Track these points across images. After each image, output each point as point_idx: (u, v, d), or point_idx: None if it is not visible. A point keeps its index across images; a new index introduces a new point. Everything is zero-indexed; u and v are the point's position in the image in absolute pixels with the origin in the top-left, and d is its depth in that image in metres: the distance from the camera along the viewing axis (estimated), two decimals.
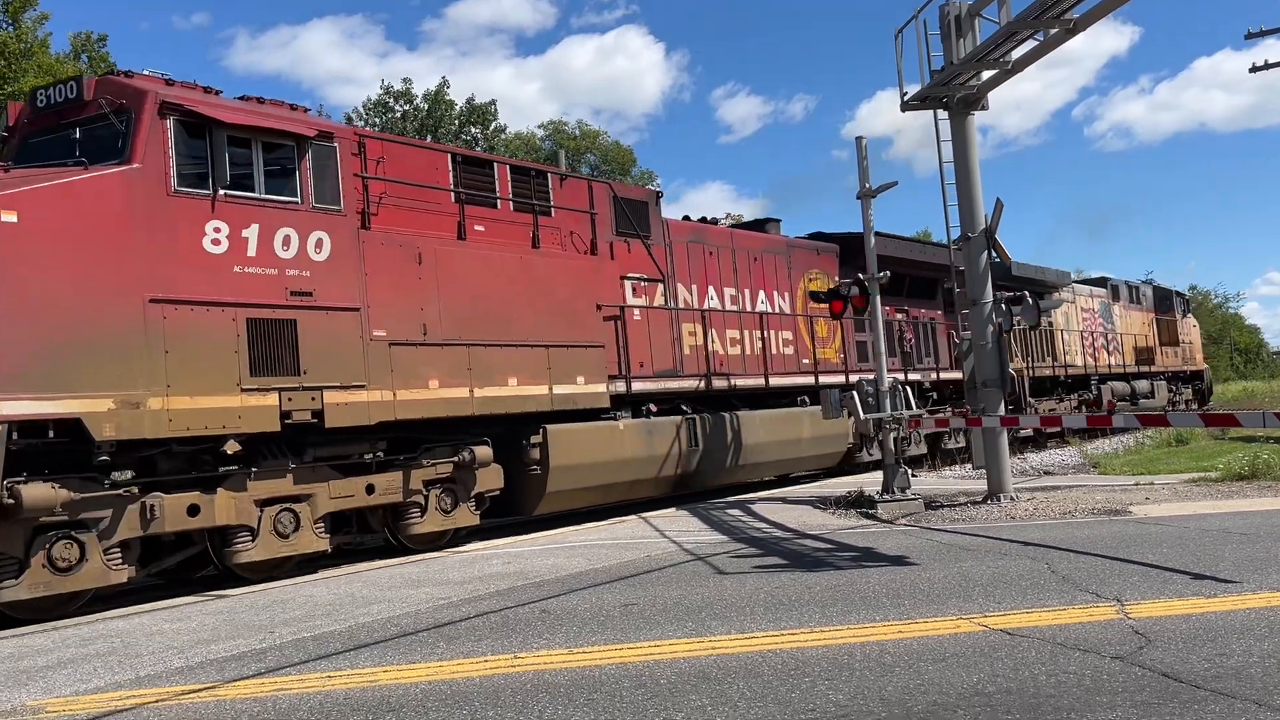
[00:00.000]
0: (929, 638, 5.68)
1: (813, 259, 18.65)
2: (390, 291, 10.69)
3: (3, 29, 27.76)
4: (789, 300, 17.70)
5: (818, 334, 18.15)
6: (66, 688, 5.78)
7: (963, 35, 12.20)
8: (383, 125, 47.53)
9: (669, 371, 14.64)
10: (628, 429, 13.53)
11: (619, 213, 14.20)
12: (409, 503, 11.00)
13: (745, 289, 16.73)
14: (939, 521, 11.03)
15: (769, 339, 16.87)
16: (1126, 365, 30.34)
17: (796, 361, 17.48)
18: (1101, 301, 29.76)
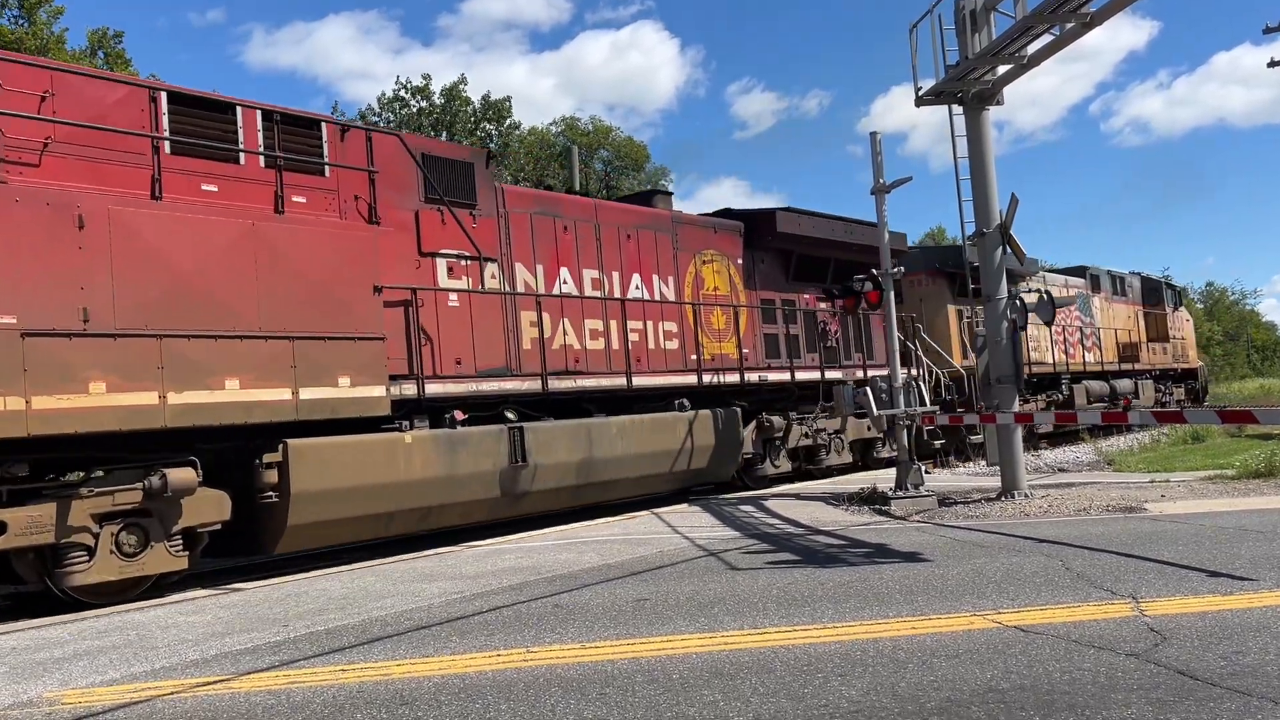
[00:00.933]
0: (943, 634, 5.66)
1: (708, 238, 16.08)
2: (26, 264, 8.16)
3: (18, 25, 27.93)
4: (674, 285, 15.26)
5: (711, 325, 15.73)
6: (83, 679, 5.82)
7: (978, 30, 12.14)
8: (398, 121, 47.64)
9: (498, 370, 12.14)
10: (417, 443, 10.82)
11: (429, 175, 11.66)
12: (69, 544, 8.41)
13: (614, 271, 14.20)
14: (953, 518, 10.99)
15: (647, 331, 14.54)
16: (1107, 363, 28.22)
17: (683, 357, 14.98)
18: (1079, 293, 27.76)
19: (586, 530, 11.71)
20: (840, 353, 18.00)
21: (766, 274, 17.14)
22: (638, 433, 13.61)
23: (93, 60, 29.10)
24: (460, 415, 11.46)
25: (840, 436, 17.62)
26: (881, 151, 13.37)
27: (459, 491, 11.25)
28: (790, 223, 17.01)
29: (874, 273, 13.67)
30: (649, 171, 56.81)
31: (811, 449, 17.13)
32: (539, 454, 12.10)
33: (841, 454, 17.69)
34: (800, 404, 16.89)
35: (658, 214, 15.69)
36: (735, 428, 15.10)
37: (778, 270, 17.36)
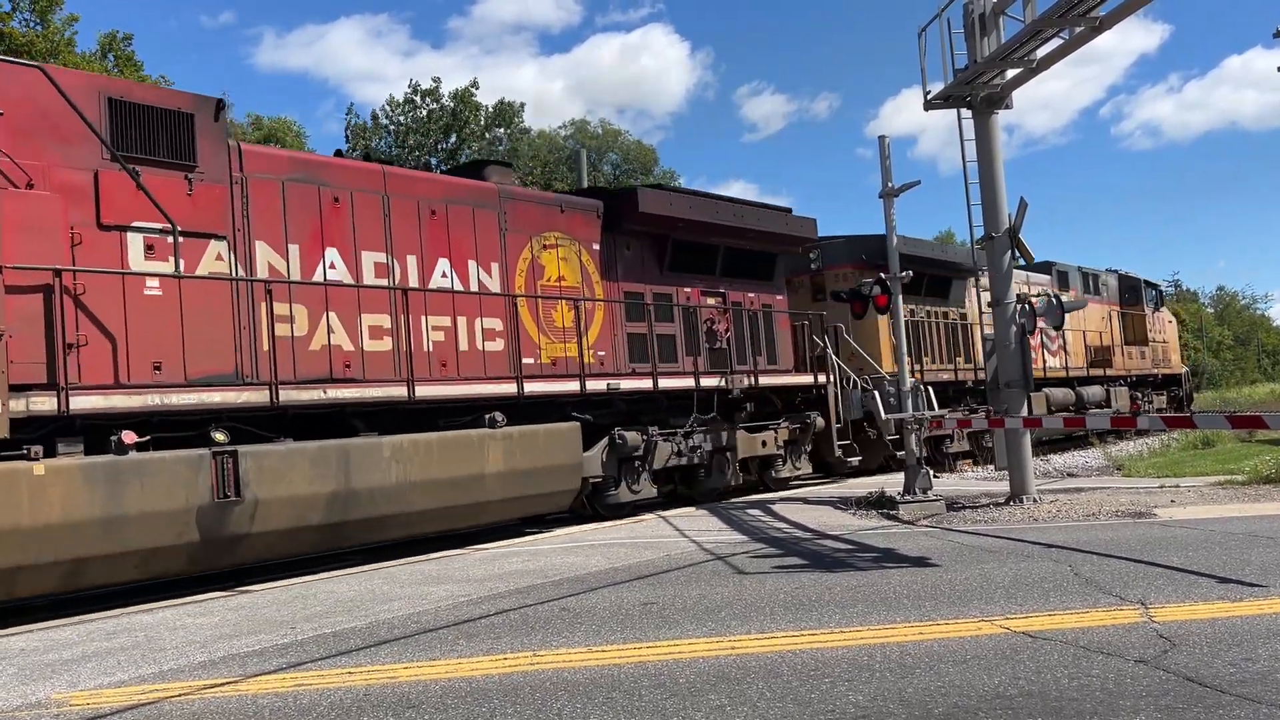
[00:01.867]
0: (950, 639, 5.65)
1: (551, 218, 13.41)
2: None
3: (30, 28, 28.08)
4: (501, 273, 12.57)
5: (553, 323, 13.09)
6: (91, 681, 5.83)
7: (987, 34, 12.12)
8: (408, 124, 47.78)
9: (223, 378, 9.62)
10: (55, 476, 8.21)
11: (120, 126, 9.23)
12: None
13: (410, 255, 11.55)
14: (960, 523, 10.96)
15: (458, 329, 11.84)
16: (1074, 368, 25.44)
17: (510, 361, 12.31)
18: (1041, 291, 24.96)
19: (594, 533, 11.71)
20: (732, 356, 15.48)
21: (633, 263, 14.60)
22: (422, 456, 10.79)
23: (103, 63, 29.25)
24: (130, 437, 8.69)
25: (728, 454, 15.22)
26: (890, 155, 13.35)
27: (130, 538, 8.61)
28: (657, 202, 14.68)
29: (882, 277, 13.63)
30: (657, 174, 56.85)
31: (690, 469, 14.85)
32: (263, 486, 9.38)
33: (728, 473, 15.21)
34: (676, 416, 14.48)
35: (477, 186, 12.77)
36: (570, 447, 12.39)
37: (648, 259, 14.86)
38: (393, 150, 45.34)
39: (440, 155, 46.94)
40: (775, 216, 16.59)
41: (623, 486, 13.58)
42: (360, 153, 39.65)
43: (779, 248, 16.97)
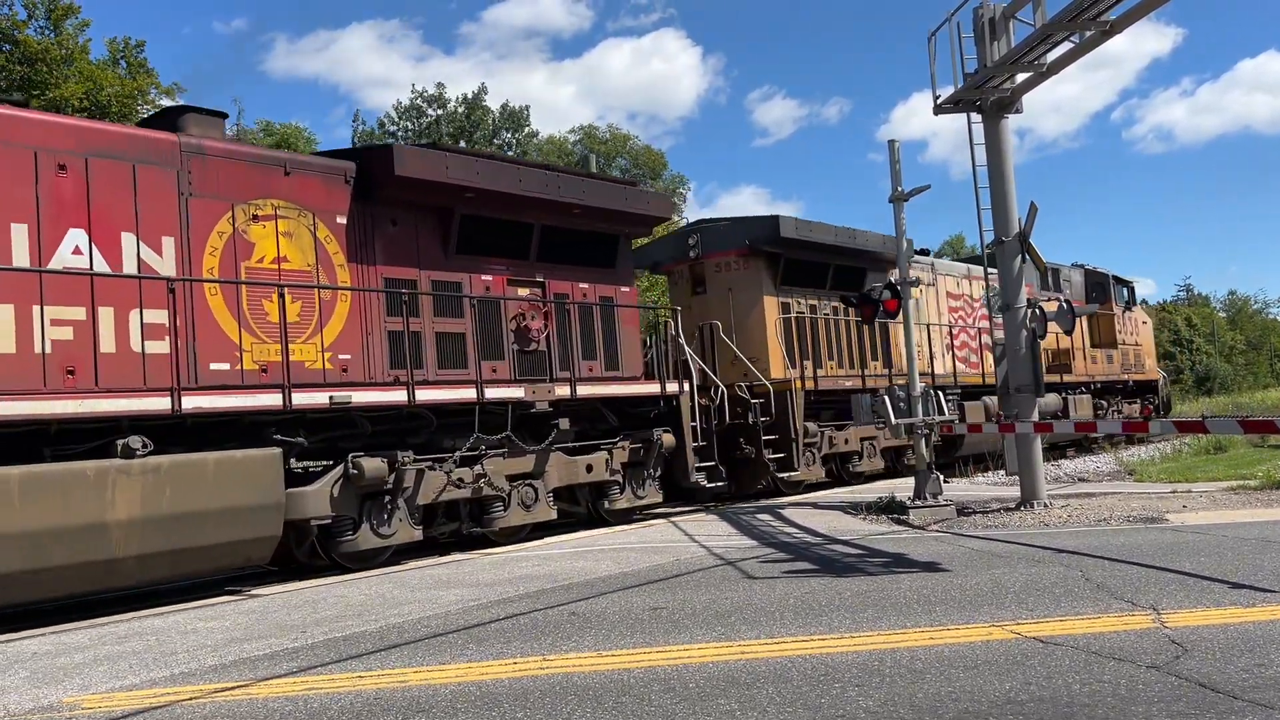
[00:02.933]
0: (961, 644, 5.63)
1: (270, 181, 10.53)
2: None
3: (45, 35, 28.27)
4: (179, 250, 9.74)
5: (263, 317, 10.22)
6: (102, 684, 5.86)
7: (997, 38, 12.10)
8: (416, 130, 47.92)
9: None
10: None
11: None
12: None
13: (19, 223, 8.72)
14: (971, 528, 10.93)
15: (98, 323, 9.00)
16: None
17: (187, 366, 9.57)
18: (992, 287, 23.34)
19: (603, 538, 11.71)
20: (553, 360, 12.80)
21: (401, 242, 11.56)
22: None
23: (115, 70, 29.43)
24: None
25: (534, 484, 12.18)
26: (900, 159, 13.35)
27: None
28: (424, 164, 11.40)
29: (892, 280, 13.61)
30: (666, 179, 56.90)
31: (483, 502, 11.79)
32: None
33: (534, 506, 12.22)
34: (463, 437, 11.52)
35: (139, 136, 9.88)
36: (261, 482, 9.44)
37: (426, 238, 11.84)
38: None
39: None
40: (611, 190, 13.88)
41: (364, 529, 10.48)
42: None
43: (622, 228, 14.11)
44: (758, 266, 16.76)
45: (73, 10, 28.76)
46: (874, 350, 18.69)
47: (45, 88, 26.78)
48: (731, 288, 16.83)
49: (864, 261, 18.38)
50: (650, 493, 13.90)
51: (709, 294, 16.92)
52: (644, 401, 13.91)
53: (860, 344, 18.36)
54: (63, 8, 28.56)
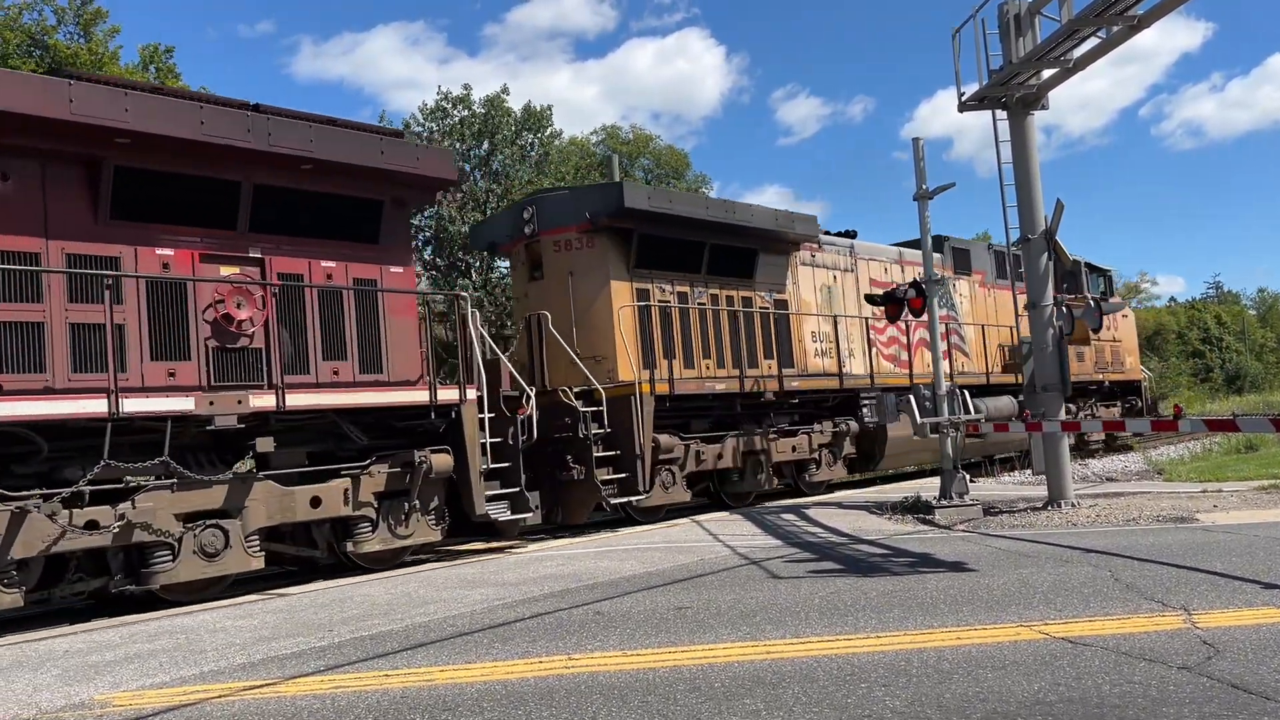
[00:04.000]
0: (988, 645, 5.59)
1: None
2: None
3: (75, 41, 28.61)
4: None
5: None
6: (133, 682, 5.92)
7: (1022, 34, 12.01)
8: (440, 131, 48.13)
9: None
10: None
11: None
12: None
13: None
14: (998, 527, 10.85)
15: None
16: (969, 373, 19.83)
17: None
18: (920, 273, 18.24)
19: (627, 537, 11.72)
20: (273, 361, 9.94)
21: (13, 204, 8.74)
22: None
23: (144, 75, 29.72)
24: None
25: (223, 525, 9.33)
26: (924, 157, 13.27)
27: None
28: (37, 98, 8.59)
29: (917, 280, 13.54)
30: (689, 179, 56.84)
31: (143, 551, 9.04)
32: None
33: (222, 557, 9.33)
34: None
35: None
36: None
37: (62, 198, 9.06)
38: None
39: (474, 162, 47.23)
40: (357, 141, 10.58)
41: None
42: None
43: (388, 191, 11.05)
44: (604, 246, 13.85)
45: (101, 15, 29.09)
46: (768, 347, 15.72)
47: None
48: (573, 271, 13.85)
49: (753, 241, 15.65)
50: (419, 529, 10.77)
51: (547, 279, 13.96)
52: (421, 414, 10.91)
53: (749, 339, 15.42)
54: (91, 13, 28.89)
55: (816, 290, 17.18)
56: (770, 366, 15.70)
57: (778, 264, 16.36)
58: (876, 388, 17.00)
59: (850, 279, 18.02)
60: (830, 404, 16.95)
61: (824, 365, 16.79)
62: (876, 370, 17.76)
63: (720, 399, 14.91)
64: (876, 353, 17.95)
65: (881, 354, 18.09)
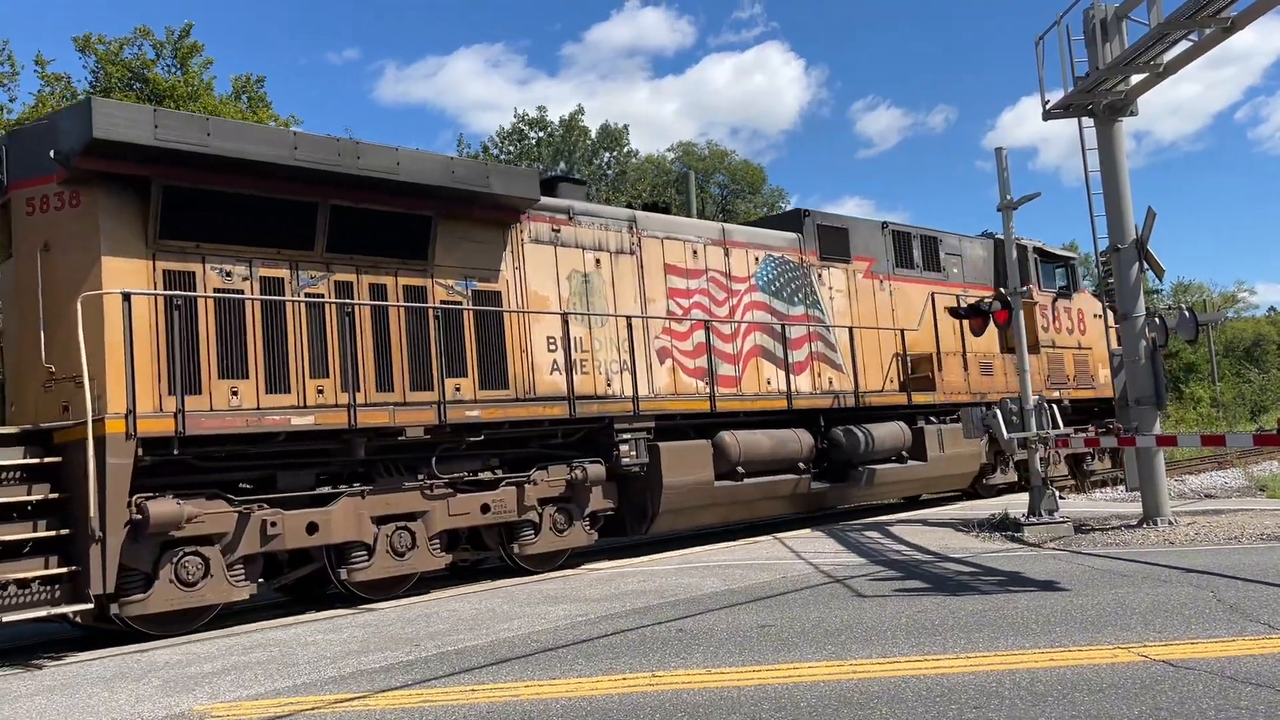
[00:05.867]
0: (1084, 667, 5.43)
1: None
2: None
3: (172, 74, 29.79)
4: None
5: None
6: (230, 693, 6.09)
7: (1108, 39, 11.74)
8: (518, 154, 48.84)
9: None
10: None
11: None
12: None
13: None
14: (1090, 546, 10.54)
15: None
16: (835, 391, 14.86)
17: None
18: (776, 261, 14.74)
19: (708, 554, 11.68)
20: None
21: None
22: None
23: (236, 104, 30.80)
24: None
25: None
26: (1008, 167, 13.02)
27: None
28: None
29: (1001, 291, 13.28)
30: (766, 193, 56.67)
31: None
32: None
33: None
34: None
35: None
36: None
37: None
38: None
39: None
40: None
41: None
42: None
43: None
44: (96, 204, 9.02)
45: (197, 48, 30.24)
46: (456, 360, 10.93)
47: None
48: (49, 244, 9.10)
49: (425, 205, 10.79)
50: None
51: (16, 257, 9.30)
52: None
53: (417, 349, 10.65)
54: (188, 47, 30.06)
55: (562, 279, 12.18)
56: (460, 387, 10.87)
57: (479, 240, 11.44)
58: (651, 415, 12.26)
59: (629, 264, 12.98)
60: (577, 439, 11.89)
61: (609, 387, 12.25)
62: (672, 389, 13.02)
63: (325, 438, 9.77)
64: (674, 366, 13.15)
65: (682, 368, 13.21)
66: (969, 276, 17.93)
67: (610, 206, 14.56)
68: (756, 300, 14.41)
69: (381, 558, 9.97)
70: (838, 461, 14.63)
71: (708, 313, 13.73)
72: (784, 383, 14.17)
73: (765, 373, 14.22)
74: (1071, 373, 19.07)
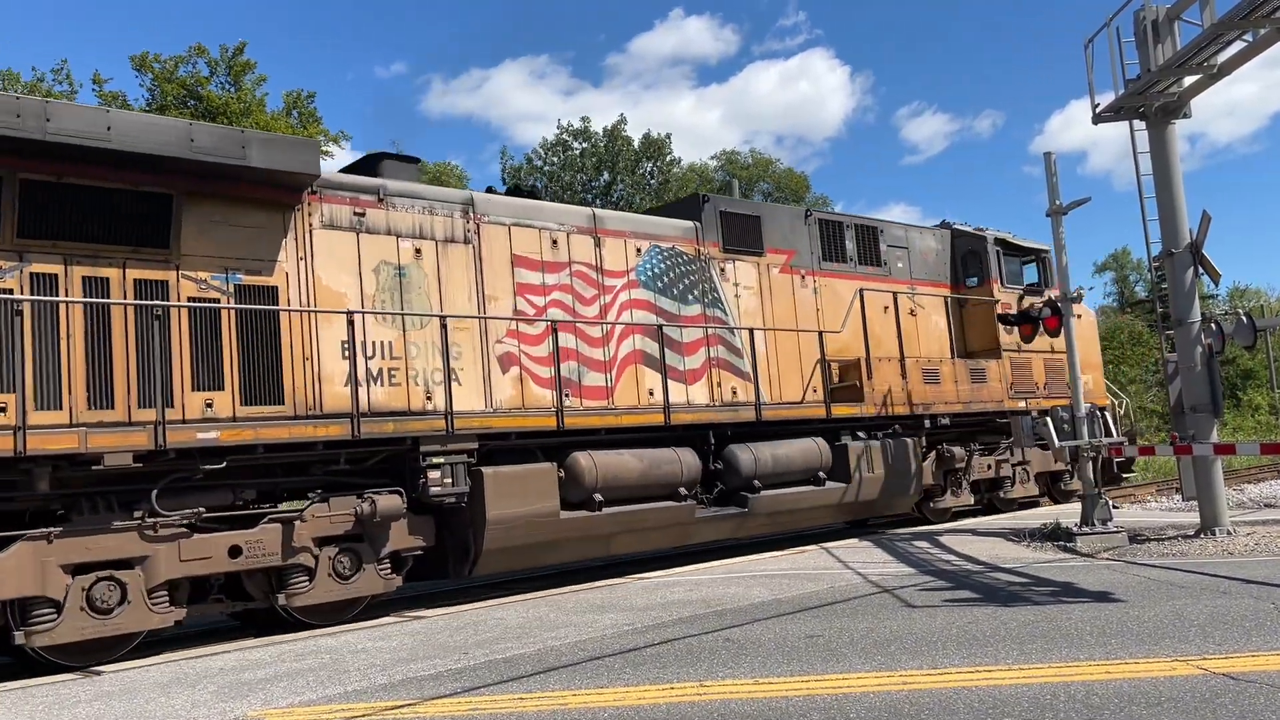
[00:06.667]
0: (1141, 679, 5.32)
1: None
2: None
3: (226, 90, 30.42)
4: None
5: None
6: (283, 700, 6.18)
7: (1160, 41, 11.55)
8: (562, 164, 49.15)
9: None
10: None
11: None
12: None
13: None
14: (1145, 556, 10.34)
15: None
16: (730, 404, 12.94)
17: None
18: (666, 253, 12.85)
19: (754, 564, 11.62)
20: None
21: None
22: None
23: (287, 119, 31.36)
24: None
25: None
26: (1057, 172, 12.86)
27: None
28: None
29: (1052, 298, 13.10)
30: (809, 200, 56.43)
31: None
32: None
33: None
34: None
35: None
36: None
37: None
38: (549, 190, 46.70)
39: (595, 192, 48.02)
40: None
41: None
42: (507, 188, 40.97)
43: None
44: None
45: (250, 66, 30.88)
46: (211, 371, 9.16)
47: None
48: None
49: (158, 181, 9.01)
50: None
51: None
52: None
53: (146, 356, 8.73)
54: (241, 64, 30.70)
55: (367, 272, 10.37)
56: (214, 402, 9.10)
57: (246, 224, 9.66)
58: (472, 434, 10.35)
59: (462, 255, 11.09)
60: (374, 464, 10.13)
61: (375, 397, 10.01)
62: (519, 402, 11.05)
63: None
64: (522, 375, 11.18)
65: (534, 378, 11.24)
66: (917, 272, 16.06)
67: (439, 187, 12.27)
68: (638, 298, 12.48)
69: (74, 615, 8.07)
70: (734, 487, 12.62)
71: (570, 312, 11.79)
72: (673, 394, 12.24)
73: (648, 382, 12.21)
74: (1041, 379, 16.91)
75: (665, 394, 12.13)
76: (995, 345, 16.19)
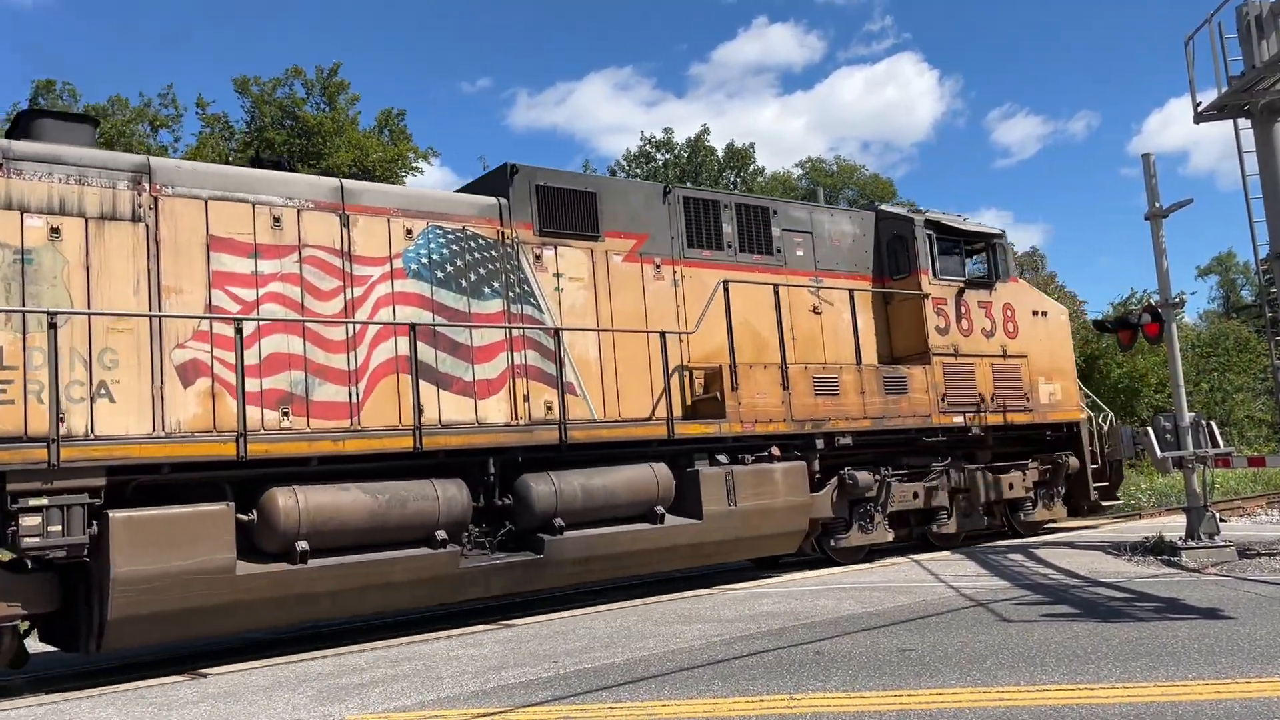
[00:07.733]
0: (1254, 700, 5.11)
1: None
2: None
3: (321, 110, 31.38)
4: None
5: None
6: (379, 705, 6.32)
7: (1265, 36, 11.12)
8: (645, 175, 49.40)
9: None
10: None
11: None
12: None
13: None
14: (1256, 571, 9.92)
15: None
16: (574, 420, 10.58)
17: None
18: (451, 235, 10.43)
19: (845, 576, 11.48)
20: None
21: None
22: None
23: (379, 137, 32.19)
24: None
25: None
26: (1156, 173, 12.45)
27: None
28: None
29: (1153, 304, 12.67)
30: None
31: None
32: None
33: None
34: None
35: None
36: None
37: None
38: None
39: None
40: None
41: None
42: None
43: None
44: None
45: (343, 86, 31.81)
46: None
47: (319, 157, 29.68)
48: None
49: None
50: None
51: None
52: None
53: None
54: (335, 85, 31.64)
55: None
56: None
57: None
58: (97, 466, 7.89)
59: (128, 235, 8.74)
60: None
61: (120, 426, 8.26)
62: (208, 423, 8.74)
63: None
64: (215, 389, 8.84)
65: (232, 392, 8.79)
66: (824, 261, 13.46)
67: (102, 151, 9.38)
68: (406, 291, 10.05)
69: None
70: (528, 527, 10.13)
71: (296, 308, 9.42)
72: (445, 411, 9.90)
73: (422, 397, 9.70)
74: (988, 390, 14.14)
75: (417, 412, 9.55)
76: (924, 349, 13.64)
